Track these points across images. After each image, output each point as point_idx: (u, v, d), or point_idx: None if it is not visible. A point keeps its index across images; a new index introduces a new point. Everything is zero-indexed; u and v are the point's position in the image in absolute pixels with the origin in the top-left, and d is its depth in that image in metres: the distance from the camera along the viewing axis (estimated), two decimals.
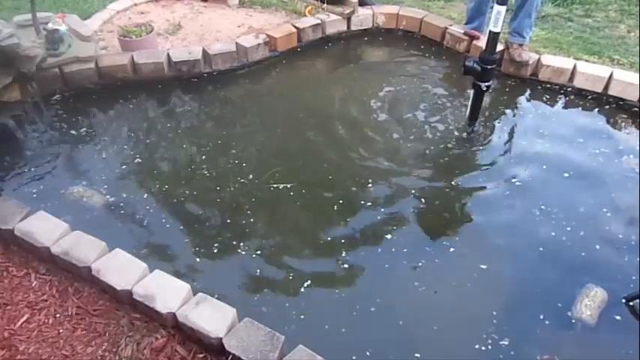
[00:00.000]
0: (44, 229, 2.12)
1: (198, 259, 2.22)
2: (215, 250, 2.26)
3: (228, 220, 2.41)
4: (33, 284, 2.03)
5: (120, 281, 1.92)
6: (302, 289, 2.09)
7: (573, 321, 1.96)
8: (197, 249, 2.27)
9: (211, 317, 1.79)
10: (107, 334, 1.86)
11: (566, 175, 2.67)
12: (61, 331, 1.88)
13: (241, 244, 2.28)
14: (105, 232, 2.21)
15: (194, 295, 1.89)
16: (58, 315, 1.93)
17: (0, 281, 2.04)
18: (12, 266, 2.10)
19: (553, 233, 2.33)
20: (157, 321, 1.88)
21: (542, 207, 2.47)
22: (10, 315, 1.93)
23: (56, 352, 1.81)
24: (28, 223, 2.15)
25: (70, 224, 2.16)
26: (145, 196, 2.53)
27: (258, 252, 2.25)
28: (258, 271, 2.17)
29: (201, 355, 1.79)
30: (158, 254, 2.22)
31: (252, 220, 2.40)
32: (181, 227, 2.37)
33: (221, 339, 1.73)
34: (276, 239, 2.31)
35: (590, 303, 1.99)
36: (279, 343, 1.72)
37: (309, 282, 2.12)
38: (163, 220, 2.40)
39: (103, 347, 1.82)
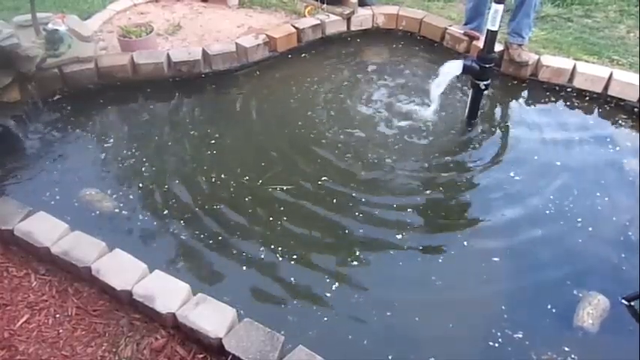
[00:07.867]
0: (44, 229, 2.12)
1: (199, 260, 2.22)
2: (217, 251, 2.26)
3: (230, 221, 2.40)
4: (33, 284, 2.03)
5: (120, 281, 1.92)
6: (319, 292, 2.07)
7: (574, 327, 1.94)
8: (198, 249, 2.26)
9: (211, 317, 1.79)
10: (107, 335, 1.86)
11: (567, 174, 2.67)
12: (60, 331, 1.88)
13: (243, 244, 2.28)
14: (105, 232, 2.21)
15: (194, 295, 1.89)
16: (57, 315, 1.93)
17: (0, 281, 2.04)
18: (12, 266, 2.10)
19: (553, 232, 2.34)
20: (157, 321, 1.88)
21: (540, 206, 2.47)
22: (9, 315, 1.93)
23: (56, 352, 1.81)
24: (27, 224, 2.15)
25: (70, 224, 2.15)
26: (145, 197, 2.53)
27: (262, 253, 2.24)
28: (263, 272, 2.16)
29: (201, 356, 1.79)
30: (158, 254, 2.21)
31: (253, 220, 2.40)
32: (181, 227, 2.36)
33: (221, 339, 1.73)
34: (279, 240, 2.30)
35: (592, 311, 1.95)
36: (279, 343, 1.72)
37: (321, 283, 2.10)
38: (164, 220, 2.40)
39: (103, 347, 1.82)
